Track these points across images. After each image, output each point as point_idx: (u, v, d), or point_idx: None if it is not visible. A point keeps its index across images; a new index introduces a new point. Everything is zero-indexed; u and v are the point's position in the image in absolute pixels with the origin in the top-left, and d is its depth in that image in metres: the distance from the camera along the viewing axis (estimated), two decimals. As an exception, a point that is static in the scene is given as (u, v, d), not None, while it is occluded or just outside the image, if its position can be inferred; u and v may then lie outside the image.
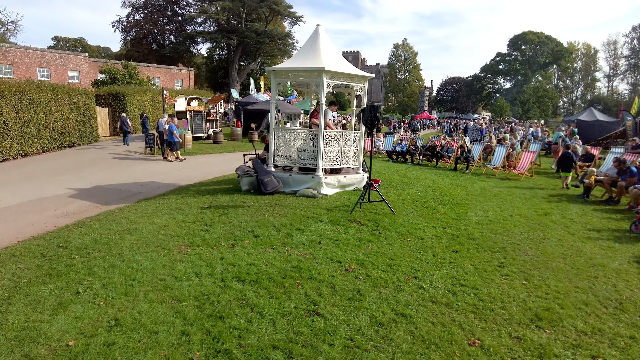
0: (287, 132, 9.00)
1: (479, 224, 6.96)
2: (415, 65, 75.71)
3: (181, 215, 7.10)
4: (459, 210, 7.94)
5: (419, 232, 6.34)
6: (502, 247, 5.78)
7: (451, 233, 6.38)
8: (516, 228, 6.82)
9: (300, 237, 5.91)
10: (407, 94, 74.77)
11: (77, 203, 8.59)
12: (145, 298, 4.00)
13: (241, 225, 6.43)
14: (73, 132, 19.20)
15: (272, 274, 4.59)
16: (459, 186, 10.70)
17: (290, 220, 6.75)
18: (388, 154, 16.57)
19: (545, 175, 13.20)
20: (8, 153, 14.96)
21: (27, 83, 16.91)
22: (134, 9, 60.62)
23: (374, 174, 11.94)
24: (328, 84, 8.31)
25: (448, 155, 14.70)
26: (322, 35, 8.98)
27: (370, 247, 5.62)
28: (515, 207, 8.38)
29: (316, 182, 8.53)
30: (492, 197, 9.36)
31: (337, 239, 5.90)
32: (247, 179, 8.68)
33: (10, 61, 36.22)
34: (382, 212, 7.49)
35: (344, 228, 6.47)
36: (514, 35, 70.84)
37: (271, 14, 62.82)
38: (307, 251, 5.38)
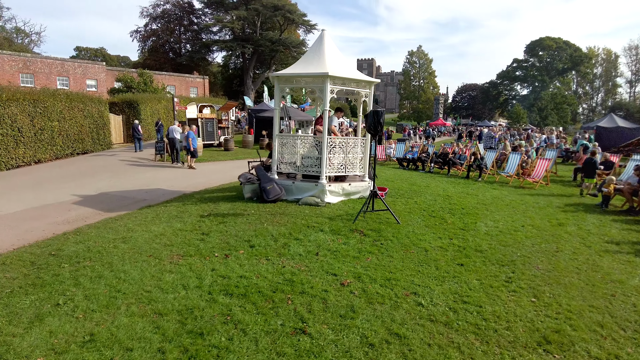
0: (291, 138, 8.81)
1: (488, 235, 6.61)
2: (430, 72, 75.15)
3: (179, 224, 6.95)
4: (468, 220, 7.59)
5: (423, 244, 6.04)
6: (511, 261, 5.43)
7: (458, 245, 6.06)
8: (527, 240, 6.44)
9: (297, 248, 5.68)
10: (422, 100, 74.17)
11: (79, 210, 8.54)
12: (127, 311, 3.82)
13: (238, 235, 6.23)
14: (86, 139, 19.45)
15: (262, 288, 4.36)
16: (470, 195, 10.32)
17: (290, 230, 6.52)
18: (399, 161, 16.24)
19: (562, 183, 12.68)
20: (22, 159, 15.18)
21: (42, 91, 17.22)
22: (151, 18, 61.92)
23: (382, 182, 11.66)
24: (332, 90, 8.11)
25: (460, 163, 14.29)
26: (327, 40, 8.80)
27: (370, 259, 5.34)
28: (528, 217, 7.98)
29: (319, 190, 8.29)
30: (504, 207, 8.96)
31: (336, 250, 5.64)
32: (250, 186, 8.51)
33: (32, 70, 37.24)
34: (386, 221, 7.20)
35: (345, 238, 6.21)
36: (531, 41, 69.81)
37: (285, 23, 63.43)
38: (303, 263, 5.14)
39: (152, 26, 62.17)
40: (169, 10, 62.12)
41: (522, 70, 70.55)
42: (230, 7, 60.54)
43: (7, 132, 14.52)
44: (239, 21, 59.73)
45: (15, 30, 66.07)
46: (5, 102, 14.50)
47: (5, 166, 14.41)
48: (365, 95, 8.69)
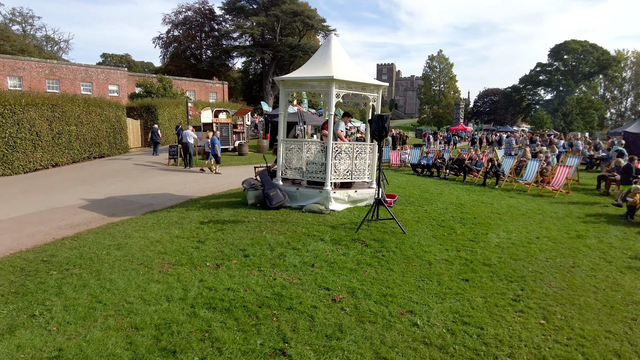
0: (296, 143, 8.59)
1: (498, 248, 6.20)
2: (450, 76, 74.09)
3: (177, 230, 6.80)
4: (479, 230, 7.18)
5: (427, 256, 5.69)
6: (521, 276, 5.04)
7: (465, 257, 5.68)
8: (541, 253, 6.01)
9: (293, 258, 5.42)
10: (443, 105, 73.13)
11: (85, 214, 8.52)
12: (103, 324, 3.64)
13: (234, 243, 6.03)
14: (103, 143, 19.76)
15: (249, 302, 4.12)
16: (485, 203, 9.86)
17: (289, 238, 6.28)
18: (413, 168, 15.82)
19: (584, 192, 12.03)
20: (39, 163, 15.48)
21: (60, 96, 17.59)
22: (173, 25, 63.19)
23: (393, 189, 11.31)
24: (338, 94, 7.86)
25: (477, 170, 13.78)
26: (334, 43, 8.58)
27: (368, 272, 5.04)
28: (544, 228, 7.51)
29: (324, 197, 8.03)
30: (520, 216, 8.49)
31: (334, 261, 5.37)
32: (253, 192, 8.32)
33: (57, 76, 38.35)
34: (391, 231, 6.88)
35: (345, 249, 5.92)
36: (556, 44, 67.84)
37: (305, 28, 63.76)
38: (296, 275, 4.88)
39: (173, 33, 63.46)
40: (190, 17, 63.29)
41: (546, 75, 68.63)
42: (250, 13, 61.29)
43: (26, 136, 14.84)
44: (258, 27, 60.38)
45: (45, 39, 68.57)
46: (25, 107, 14.83)
47: (23, 169, 14.71)
48: (373, 100, 8.41)
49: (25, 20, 66.01)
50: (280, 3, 60.54)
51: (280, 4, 60.44)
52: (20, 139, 14.54)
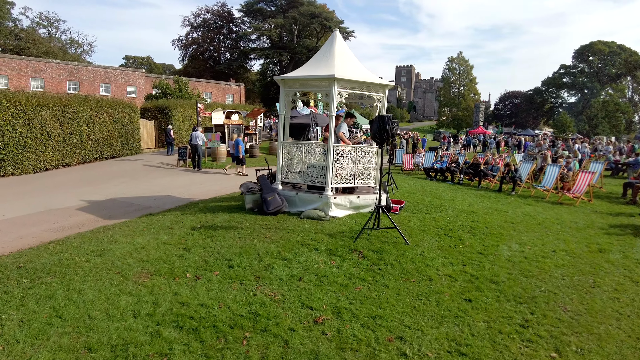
0: (296, 146, 8.19)
1: (509, 262, 5.64)
2: (470, 78, 72.66)
3: (166, 236, 6.48)
4: (489, 242, 6.62)
5: (429, 271, 5.19)
6: (531, 297, 4.49)
7: (470, 273, 5.16)
8: (557, 269, 5.42)
9: (281, 270, 5.01)
10: (462, 108, 71.76)
11: (80, 216, 8.32)
12: (55, 344, 3.30)
13: (221, 252, 5.65)
14: (115, 144, 19.81)
15: (221, 321, 3.72)
16: (499, 211, 9.24)
17: (280, 247, 5.87)
18: (426, 172, 15.21)
19: (609, 200, 11.24)
20: (50, 163, 15.54)
21: (72, 97, 17.67)
22: (192, 27, 63.88)
23: (402, 194, 10.78)
24: (340, 93, 7.42)
25: (492, 175, 13.11)
26: (338, 41, 8.15)
27: (360, 288, 4.58)
28: (562, 240, 6.89)
29: (323, 203, 7.59)
30: (535, 226, 7.86)
31: (325, 275, 4.92)
32: (251, 196, 7.96)
33: (78, 78, 39.07)
34: (393, 241, 6.39)
35: (340, 260, 5.47)
36: (581, 46, 65.69)
37: (322, 30, 63.59)
38: (280, 290, 4.46)
39: (192, 35, 64.14)
40: (209, 19, 63.87)
41: (570, 77, 66.49)
42: (268, 15, 61.53)
43: (37, 136, 14.89)
44: (276, 29, 60.50)
45: (70, 41, 70.37)
46: (36, 107, 14.90)
47: (33, 169, 14.77)
48: (378, 100, 7.94)
49: (51, 24, 67.88)
50: (298, 5, 60.57)
51: (298, 5, 60.47)
52: (30, 139, 14.59)
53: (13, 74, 35.38)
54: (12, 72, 35.38)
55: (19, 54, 48.02)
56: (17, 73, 35.56)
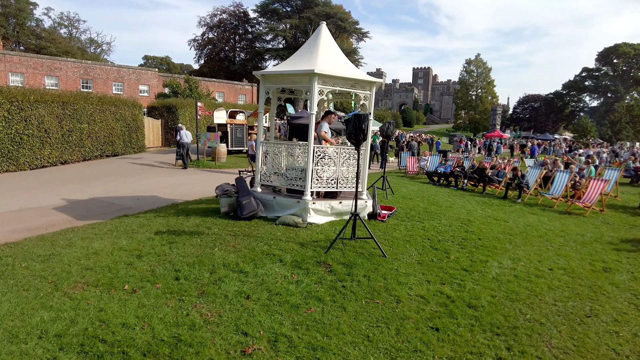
0: (276, 146, 7.65)
1: (496, 281, 4.98)
2: (488, 81, 71.01)
3: (126, 241, 6.02)
4: (478, 256, 5.95)
5: (400, 290, 4.57)
6: (512, 327, 3.83)
7: (447, 294, 4.52)
8: (550, 292, 4.73)
9: (230, 285, 4.47)
10: (479, 111, 70.18)
11: (53, 216, 7.96)
12: None
13: (174, 261, 5.15)
14: (117, 142, 19.65)
15: (135, 346, 3.20)
16: (498, 220, 8.52)
17: (241, 258, 5.33)
18: (428, 176, 14.48)
19: (623, 210, 10.35)
20: (47, 160, 15.39)
21: (72, 94, 17.55)
22: (208, 28, 64.24)
23: (397, 200, 10.14)
24: (321, 90, 6.85)
25: (498, 180, 12.32)
26: (324, 34, 7.59)
27: (313, 309, 4.00)
28: (563, 256, 6.16)
29: (301, 208, 7.03)
30: (536, 239, 7.13)
31: (278, 292, 4.36)
32: (226, 199, 7.45)
33: (91, 76, 39.50)
34: (370, 253, 5.78)
35: (303, 274, 4.90)
36: (605, 48, 63.32)
37: (337, 31, 63.15)
38: (221, 309, 3.92)
39: (208, 35, 64.51)
40: (225, 19, 64.12)
41: (593, 80, 64.19)
42: (283, 16, 61.48)
43: (34, 132, 14.75)
44: (291, 30, 60.34)
45: (89, 41, 71.67)
46: (33, 104, 14.76)
47: (29, 166, 14.63)
48: (364, 98, 7.33)
49: (72, 24, 69.27)
50: (313, 5, 60.30)
51: (313, 6, 60.21)
52: (27, 136, 14.45)
53: (29, 72, 35.94)
54: (28, 70, 35.95)
55: (39, 53, 49.00)
56: (32, 71, 36.10)
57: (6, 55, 35.01)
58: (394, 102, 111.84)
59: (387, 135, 10.20)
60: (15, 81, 34.32)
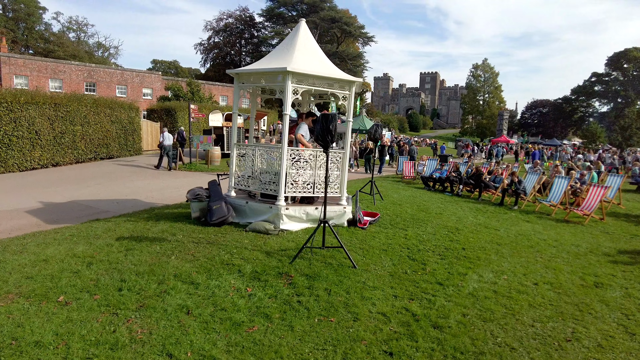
0: (249, 148, 7.28)
1: (472, 297, 4.53)
2: (495, 86, 70.32)
3: (84, 247, 5.68)
4: (458, 268, 5.50)
5: (361, 306, 4.15)
6: (478, 353, 3.39)
7: (413, 312, 4.09)
8: (531, 310, 4.27)
9: (174, 299, 4.09)
10: (486, 116, 69.45)
11: (23, 220, 7.66)
12: None
13: (124, 270, 4.78)
14: (112, 144, 19.47)
15: (36, 372, 2.83)
16: (489, 228, 8.04)
17: (196, 268, 4.95)
18: (423, 181, 14.00)
19: (626, 219, 9.78)
20: (37, 162, 15.20)
21: (65, 96, 17.40)
22: (214, 32, 64.53)
23: (386, 205, 9.71)
24: (295, 90, 6.48)
25: (494, 186, 11.81)
26: (302, 32, 7.25)
27: (257, 328, 3.60)
28: (552, 269, 5.68)
29: (273, 214, 6.64)
30: (526, 249, 6.65)
31: (224, 307, 3.97)
32: (197, 204, 7.09)
33: (95, 79, 39.62)
34: (340, 263, 5.37)
35: (259, 287, 4.50)
36: (614, 52, 62.23)
37: (342, 35, 63.07)
38: (154, 326, 3.53)
39: (214, 39, 64.75)
40: (231, 24, 64.32)
41: (602, 85, 63.10)
42: (288, 20, 61.56)
43: (24, 134, 14.58)
44: (295, 33, 60.19)
45: (97, 45, 72.39)
46: (23, 105, 14.60)
47: (18, 168, 14.44)
48: (343, 98, 6.94)
49: (80, 28, 70.05)
50: (319, 10, 60.27)
51: (318, 10, 60.18)
52: (16, 137, 14.28)
53: (33, 74, 36.13)
54: (32, 73, 36.14)
55: (47, 56, 49.47)
56: (37, 74, 36.30)
57: (11, 58, 35.27)
58: (400, 106, 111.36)
59: (375, 138, 9.80)
60: (20, 84, 34.51)
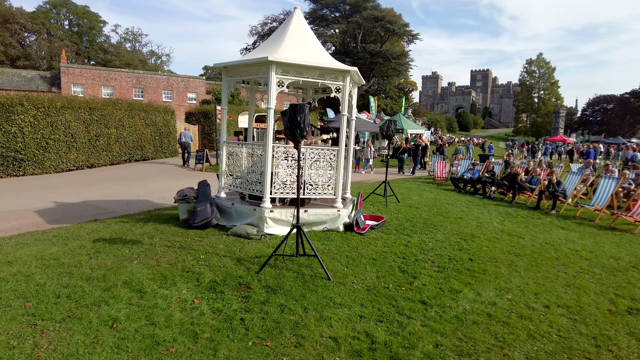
0: (237, 147, 6.82)
1: (456, 321, 3.72)
2: (552, 82, 65.62)
3: (57, 248, 5.50)
4: (454, 283, 4.66)
5: (314, 328, 3.51)
6: (433, 400, 2.64)
7: (374, 338, 3.38)
8: (529, 342, 3.39)
9: (109, 309, 3.68)
10: (542, 114, 64.98)
11: (24, 220, 7.74)
12: None
13: (76, 275, 4.47)
14: (147, 147, 20.01)
15: None
16: (512, 236, 7.01)
17: (153, 275, 4.54)
18: (453, 182, 12.89)
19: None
20: (73, 164, 15.84)
21: (101, 100, 18.08)
22: (259, 36, 65.73)
23: (403, 208, 8.90)
24: (281, 81, 5.93)
25: (531, 188, 10.54)
26: (295, 21, 6.71)
27: (176, 349, 3.08)
28: (575, 287, 4.67)
29: (257, 217, 6.12)
30: (548, 261, 5.63)
31: (157, 321, 3.50)
32: (185, 205, 6.75)
33: (143, 85, 41.55)
34: (314, 274, 4.74)
35: (212, 299, 4.00)
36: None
37: (386, 34, 61.81)
38: (65, 341, 3.13)
39: (259, 43, 65.90)
40: (275, 28, 65.14)
41: (680, 76, 56.57)
42: (331, 21, 61.29)
43: (60, 137, 15.24)
44: (340, 35, 60.01)
45: (150, 53, 76.46)
46: (60, 110, 15.28)
47: (54, 169, 15.11)
48: (337, 90, 6.29)
49: (135, 38, 74.35)
50: (362, 9, 59.41)
51: (361, 10, 59.34)
52: (53, 140, 14.94)
53: (88, 83, 38.55)
54: (87, 82, 38.56)
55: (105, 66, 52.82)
56: (91, 82, 38.69)
57: (69, 68, 37.86)
58: (450, 105, 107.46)
59: (388, 135, 9.02)
60: (76, 92, 36.95)
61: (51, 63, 51.50)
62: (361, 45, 61.54)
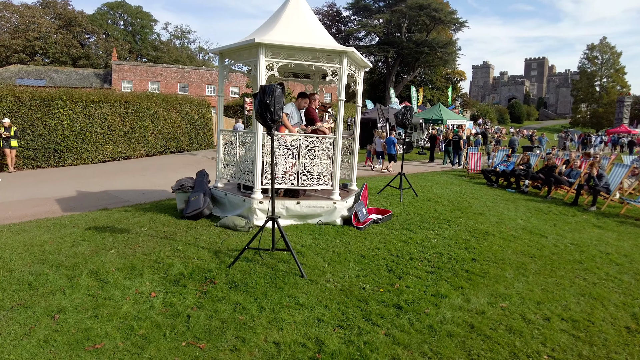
0: (233, 135, 6.57)
1: (429, 331, 3.23)
2: (617, 68, 60.20)
3: (49, 235, 5.57)
4: (443, 286, 4.12)
5: (261, 331, 3.17)
6: None
7: (323, 346, 2.99)
8: (503, 362, 2.85)
9: (60, 299, 3.57)
10: (603, 103, 59.90)
11: (42, 207, 8.02)
12: None
13: (51, 261, 4.43)
14: (182, 139, 20.52)
15: None
16: (534, 234, 6.24)
17: (124, 265, 4.41)
18: (484, 175, 11.95)
19: None
20: (109, 155, 16.54)
21: (136, 94, 18.70)
22: (300, 29, 65.64)
23: (420, 202, 8.32)
24: (270, 65, 5.60)
25: (569, 182, 9.48)
26: (292, 1, 6.31)
27: (103, 345, 2.88)
28: (591, 297, 3.97)
29: (247, 208, 5.85)
30: (568, 265, 4.89)
31: (100, 314, 3.32)
32: (182, 195, 6.63)
33: (187, 80, 42.90)
34: (288, 271, 4.40)
35: (170, 293, 3.78)
36: None
37: (432, 22, 59.55)
38: (-5, 333, 3.03)
39: (300, 37, 65.90)
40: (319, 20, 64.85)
41: None
42: (375, 11, 59.98)
43: (97, 130, 15.93)
44: (384, 25, 58.69)
45: (198, 49, 78.96)
46: (96, 103, 15.96)
47: (92, 160, 15.84)
48: (332, 73, 5.84)
49: (184, 35, 77.01)
50: (406, -2, 57.53)
51: (406, -1, 57.46)
52: (90, 133, 15.64)
53: (136, 79, 40.39)
54: (135, 77, 40.40)
55: (155, 62, 55.26)
56: (139, 78, 40.49)
57: (119, 65, 39.84)
58: (502, 96, 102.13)
59: (404, 123, 8.43)
60: (126, 87, 38.86)
61: (107, 61, 54.64)
62: (406, 35, 59.74)
